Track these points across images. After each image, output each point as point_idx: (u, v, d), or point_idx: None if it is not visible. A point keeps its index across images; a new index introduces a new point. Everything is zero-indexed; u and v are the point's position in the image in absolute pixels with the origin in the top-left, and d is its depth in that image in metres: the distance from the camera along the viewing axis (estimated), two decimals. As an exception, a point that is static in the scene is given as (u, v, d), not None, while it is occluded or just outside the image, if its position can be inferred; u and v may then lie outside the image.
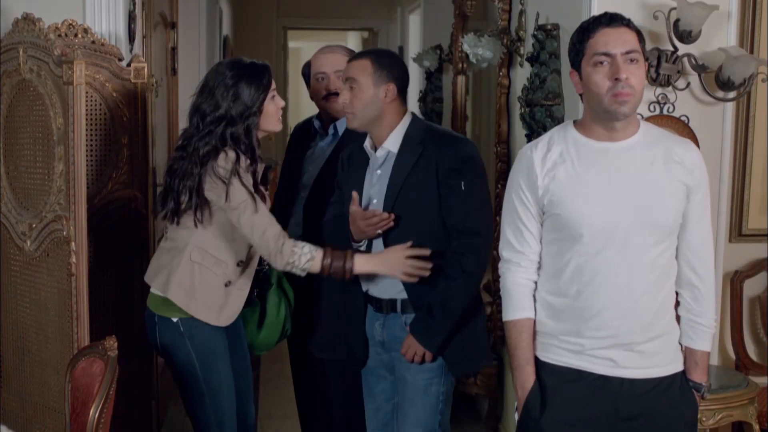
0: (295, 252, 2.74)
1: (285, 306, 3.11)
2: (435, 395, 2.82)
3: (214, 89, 2.78)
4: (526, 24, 3.68)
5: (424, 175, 2.75)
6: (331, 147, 3.33)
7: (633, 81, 2.22)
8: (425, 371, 2.80)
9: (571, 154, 2.32)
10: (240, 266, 2.85)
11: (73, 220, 2.91)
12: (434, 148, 2.76)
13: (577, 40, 2.29)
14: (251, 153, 2.79)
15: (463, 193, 2.71)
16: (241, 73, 2.79)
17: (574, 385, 2.33)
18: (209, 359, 2.85)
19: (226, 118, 2.75)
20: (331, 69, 3.30)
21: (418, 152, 2.77)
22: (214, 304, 2.82)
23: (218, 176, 2.71)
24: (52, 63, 2.95)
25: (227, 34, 8.00)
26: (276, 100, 2.87)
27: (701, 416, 3.04)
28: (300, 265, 2.75)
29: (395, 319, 2.84)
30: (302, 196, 3.33)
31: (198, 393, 2.87)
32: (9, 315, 3.26)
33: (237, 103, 2.76)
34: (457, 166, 2.74)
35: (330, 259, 2.76)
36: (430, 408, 2.82)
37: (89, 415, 2.38)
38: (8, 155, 3.21)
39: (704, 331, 2.40)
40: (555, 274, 2.34)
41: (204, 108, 2.78)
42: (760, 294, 3.54)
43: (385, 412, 2.94)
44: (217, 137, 2.75)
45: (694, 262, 2.37)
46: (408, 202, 2.76)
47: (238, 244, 2.83)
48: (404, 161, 2.79)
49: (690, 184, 2.31)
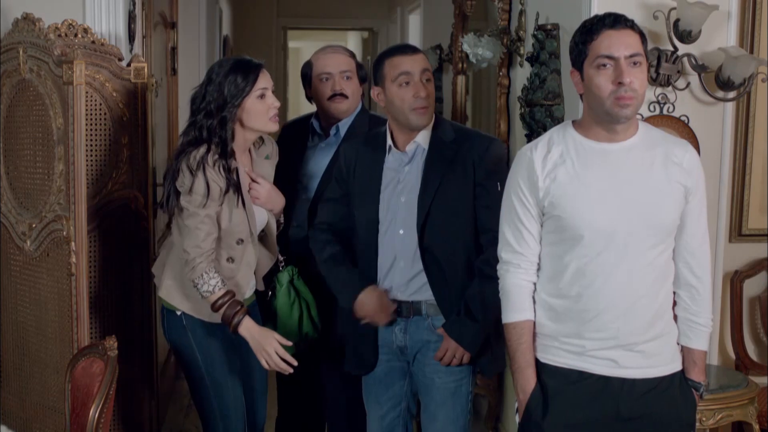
0: (203, 276, 2.74)
1: (299, 308, 3.08)
2: (465, 396, 2.83)
3: (206, 82, 2.83)
4: (526, 24, 3.68)
5: (461, 174, 2.74)
6: (334, 148, 3.31)
7: (636, 85, 2.22)
8: (456, 373, 2.79)
9: (571, 155, 2.31)
10: (230, 262, 2.85)
11: (73, 220, 2.91)
12: (468, 147, 2.75)
13: (580, 40, 2.28)
14: (222, 147, 2.79)
15: (499, 194, 2.63)
16: (230, 66, 2.82)
17: (576, 387, 2.33)
18: (211, 353, 2.87)
19: (207, 109, 2.79)
20: (336, 69, 3.27)
21: (453, 151, 2.75)
22: (204, 302, 2.81)
23: (188, 166, 2.73)
24: (52, 63, 2.95)
25: (227, 34, 8.00)
26: (267, 100, 2.86)
27: (701, 416, 3.04)
28: (201, 290, 2.76)
29: (419, 322, 2.80)
30: (304, 198, 3.30)
31: (202, 386, 2.89)
32: (9, 315, 3.26)
33: (218, 96, 2.79)
34: (494, 167, 2.74)
35: (224, 303, 2.76)
36: (460, 409, 2.82)
37: (89, 415, 2.38)
38: (8, 155, 3.21)
39: (702, 331, 2.40)
40: (555, 275, 2.34)
41: (194, 99, 2.84)
42: (760, 294, 3.54)
43: (392, 418, 2.92)
44: (196, 128, 2.79)
45: (691, 262, 2.37)
46: (444, 200, 2.74)
47: (225, 239, 2.83)
48: (437, 159, 2.76)
49: (688, 185, 2.31)
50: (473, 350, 2.74)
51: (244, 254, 2.87)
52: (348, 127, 3.31)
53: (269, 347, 2.77)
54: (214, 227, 2.77)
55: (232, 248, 2.84)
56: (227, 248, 2.84)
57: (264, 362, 2.79)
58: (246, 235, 2.86)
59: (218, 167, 2.76)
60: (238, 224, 2.83)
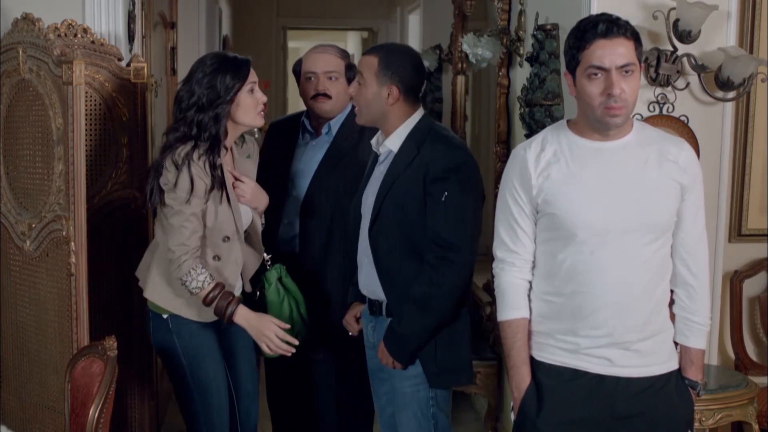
0: (190, 273, 2.73)
1: (289, 306, 3.08)
2: (423, 400, 2.77)
3: (193, 78, 2.81)
4: (525, 24, 3.68)
5: (414, 179, 2.70)
6: (326, 147, 3.32)
7: (626, 94, 2.23)
8: (410, 378, 2.76)
9: (565, 154, 2.32)
10: (216, 260, 2.84)
11: (73, 220, 2.91)
12: (427, 152, 2.71)
13: (573, 45, 2.27)
14: (215, 142, 2.78)
15: (443, 203, 2.64)
16: (219, 62, 2.81)
17: (571, 385, 2.33)
18: (197, 356, 2.85)
19: (197, 105, 2.77)
20: (321, 69, 3.28)
21: (413, 155, 2.72)
22: (193, 301, 2.81)
23: (173, 162, 2.72)
24: (52, 63, 2.94)
25: (227, 33, 8.00)
26: (256, 95, 2.86)
27: (701, 416, 3.05)
28: (189, 287, 2.74)
29: (383, 321, 2.82)
30: (294, 196, 3.31)
31: (186, 390, 2.88)
32: (8, 315, 3.26)
33: (210, 91, 2.77)
34: (442, 174, 2.66)
35: (216, 296, 2.75)
36: (421, 414, 2.78)
37: (89, 415, 2.38)
38: (8, 155, 3.21)
39: (699, 329, 2.41)
40: (550, 273, 2.34)
41: (181, 95, 2.82)
42: (759, 294, 3.54)
43: (389, 413, 2.92)
44: (186, 124, 2.77)
45: (688, 260, 2.37)
46: (394, 204, 2.72)
47: (211, 237, 2.82)
48: (399, 162, 2.75)
49: (684, 182, 2.31)
50: (401, 359, 2.72)
51: (231, 252, 2.86)
52: (340, 126, 3.32)
53: (269, 331, 2.78)
54: (199, 225, 2.76)
55: (217, 246, 2.83)
56: (213, 246, 2.83)
57: (266, 347, 2.80)
58: (232, 232, 2.85)
59: (204, 163, 2.74)
60: (223, 221, 2.81)
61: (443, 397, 2.82)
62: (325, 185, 3.26)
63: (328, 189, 3.25)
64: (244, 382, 3.02)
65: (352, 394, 3.32)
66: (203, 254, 2.81)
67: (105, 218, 3.30)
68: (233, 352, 2.98)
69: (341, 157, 3.27)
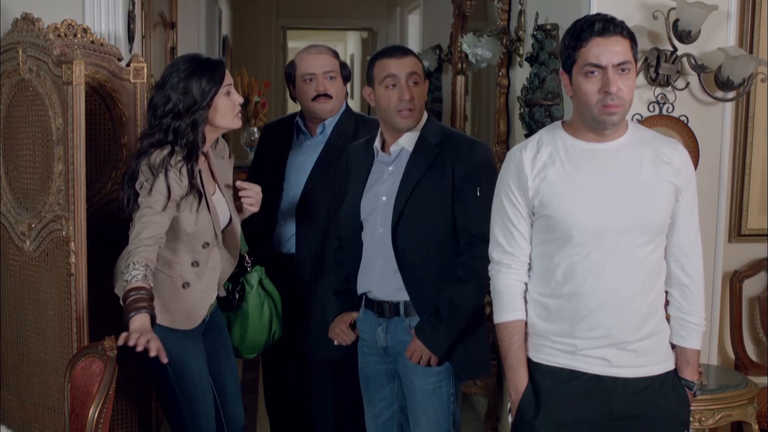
0: (128, 266, 2.58)
1: (269, 308, 3.07)
2: (445, 397, 2.81)
3: (167, 83, 2.77)
4: (525, 24, 3.68)
5: (440, 177, 2.73)
6: (320, 147, 3.32)
7: (623, 92, 2.23)
8: (433, 375, 2.78)
9: (561, 155, 2.32)
10: (195, 266, 2.81)
11: (73, 220, 2.91)
12: (451, 150, 2.75)
13: (569, 44, 2.28)
14: (192, 149, 2.75)
15: (478, 198, 2.69)
16: (193, 66, 2.78)
17: (568, 386, 2.33)
18: (181, 363, 2.80)
19: (173, 112, 2.74)
20: (321, 70, 3.29)
21: (434, 153, 2.75)
22: (172, 308, 2.78)
23: (149, 166, 2.69)
24: (52, 63, 2.95)
25: (226, 34, 8.00)
26: (232, 97, 2.84)
27: (701, 416, 3.05)
28: (125, 276, 2.59)
29: (398, 322, 2.81)
30: (290, 196, 3.31)
31: (171, 397, 2.84)
32: (8, 315, 3.26)
33: (186, 97, 2.75)
34: (473, 171, 2.73)
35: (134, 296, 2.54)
36: (442, 411, 2.80)
37: (88, 415, 2.38)
38: (7, 155, 3.21)
39: (694, 330, 2.41)
40: (546, 275, 2.35)
41: (156, 102, 2.78)
42: (759, 294, 3.55)
43: (385, 419, 2.92)
44: (162, 131, 2.74)
45: (683, 261, 2.38)
46: (420, 202, 2.74)
47: (190, 243, 2.79)
48: (419, 161, 2.77)
49: (678, 184, 2.32)
50: (438, 353, 2.73)
51: (210, 258, 2.84)
52: (334, 125, 3.33)
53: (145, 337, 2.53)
54: (163, 229, 2.67)
55: (197, 252, 2.80)
56: (192, 252, 2.80)
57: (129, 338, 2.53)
58: (211, 238, 2.82)
59: (181, 169, 2.72)
60: (204, 227, 2.79)
61: (458, 394, 2.87)
62: (320, 185, 3.27)
63: (324, 189, 3.26)
64: (227, 385, 3.00)
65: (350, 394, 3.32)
66: (181, 260, 2.78)
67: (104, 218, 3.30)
68: (215, 355, 2.96)
69: (336, 157, 3.27)
